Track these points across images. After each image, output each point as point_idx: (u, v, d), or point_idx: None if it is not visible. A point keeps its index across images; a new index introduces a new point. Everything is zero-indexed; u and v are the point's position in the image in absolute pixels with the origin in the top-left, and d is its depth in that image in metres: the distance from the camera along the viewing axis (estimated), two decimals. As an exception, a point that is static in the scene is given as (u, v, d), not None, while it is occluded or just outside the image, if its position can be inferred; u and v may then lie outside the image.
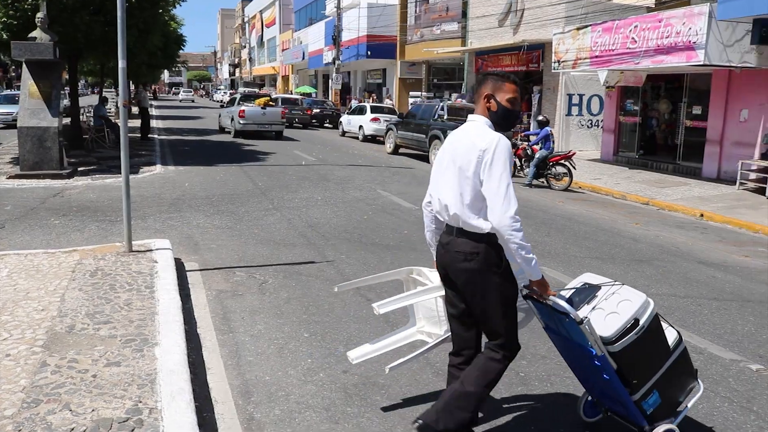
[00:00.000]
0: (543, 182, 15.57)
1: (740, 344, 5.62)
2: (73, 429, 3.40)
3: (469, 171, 3.29)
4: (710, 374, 4.94)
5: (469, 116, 3.53)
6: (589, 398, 4.00)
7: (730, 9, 12.70)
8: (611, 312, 3.45)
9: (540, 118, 16.89)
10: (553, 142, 15.83)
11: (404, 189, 13.60)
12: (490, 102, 3.43)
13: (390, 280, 4.25)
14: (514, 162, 16.24)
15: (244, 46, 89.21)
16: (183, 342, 4.60)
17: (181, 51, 34.97)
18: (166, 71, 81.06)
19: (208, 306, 5.94)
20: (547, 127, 15.76)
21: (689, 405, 3.70)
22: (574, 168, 15.28)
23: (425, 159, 19.38)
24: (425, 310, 4.20)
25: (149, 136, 23.80)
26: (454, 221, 3.44)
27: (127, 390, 3.87)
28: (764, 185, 13.88)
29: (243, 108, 25.44)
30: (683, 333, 5.75)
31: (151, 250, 7.14)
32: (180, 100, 73.35)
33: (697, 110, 17.26)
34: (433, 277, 3.96)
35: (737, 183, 14.83)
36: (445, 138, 17.45)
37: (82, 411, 3.59)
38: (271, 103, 27.05)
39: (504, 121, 3.44)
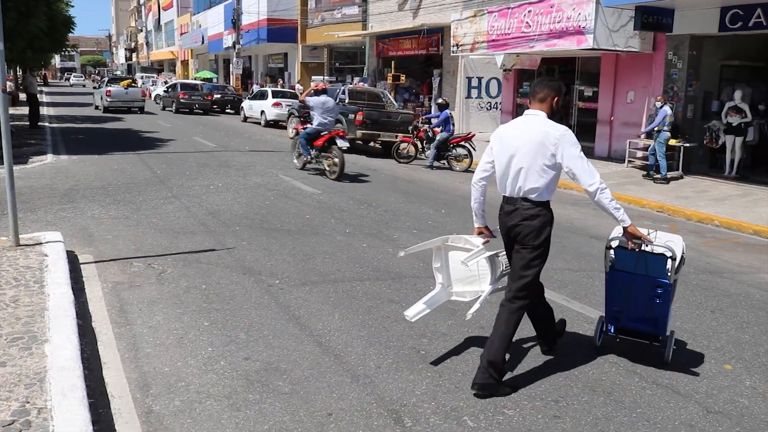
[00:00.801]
0: (444, 164, 15.87)
1: (626, 313, 5.95)
2: (-46, 433, 3.24)
3: (547, 152, 4.18)
4: (601, 342, 5.21)
5: (530, 110, 4.37)
6: (604, 329, 5.04)
7: (615, -5, 13.30)
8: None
9: (440, 100, 17.16)
10: (453, 124, 16.14)
11: (306, 174, 13.54)
12: (555, 101, 4.35)
13: (429, 248, 4.86)
14: (416, 144, 16.46)
15: (141, 30, 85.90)
16: (75, 337, 4.44)
17: (71, 34, 33.24)
18: (57, 56, 77.22)
19: (103, 299, 5.75)
20: (447, 110, 16.05)
21: None
22: (474, 149, 15.66)
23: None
24: (462, 273, 4.81)
25: (39, 124, 22.59)
26: (518, 192, 4.34)
27: (13, 391, 3.71)
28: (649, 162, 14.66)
29: (109, 89, 31.00)
30: (576, 305, 6.07)
31: (41, 244, 6.82)
32: (71, 85, 70.15)
33: (588, 92, 18.02)
34: (475, 241, 4.70)
35: (626, 161, 15.60)
36: (346, 121, 17.59)
37: (-35, 414, 3.43)
38: (133, 84, 33.49)
39: (554, 116, 4.36)
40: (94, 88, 40.64)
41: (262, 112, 26.70)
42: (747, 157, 14.57)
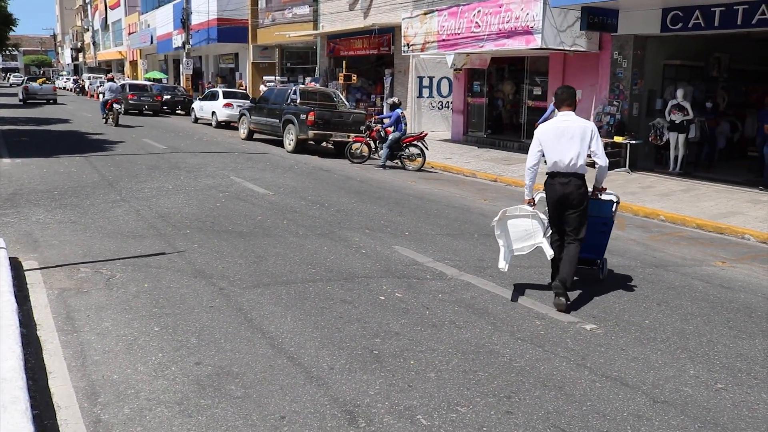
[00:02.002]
0: (397, 163, 15.91)
1: (577, 307, 6.07)
2: None
3: (586, 141, 6.02)
4: (550, 337, 5.30)
5: (565, 112, 6.17)
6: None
7: (561, -4, 13.54)
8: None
9: (391, 100, 17.20)
10: (405, 123, 16.20)
11: (258, 175, 13.43)
12: (576, 103, 6.32)
13: (497, 221, 6.36)
14: (369, 144, 16.46)
15: (87, 29, 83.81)
16: (18, 347, 4.31)
17: (11, 33, 32.27)
18: (-1, 56, 75.25)
19: (49, 306, 5.60)
20: (398, 109, 16.10)
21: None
22: (426, 148, 15.76)
23: (279, 144, 19.18)
24: (519, 234, 6.34)
25: (-21, 126, 21.93)
26: (572, 169, 6.05)
27: (-45, 402, 3.59)
28: (598, 160, 14.96)
29: (26, 85, 41.58)
30: (527, 300, 6.15)
31: (-18, 251, 6.61)
32: (10, 84, 68.42)
33: (537, 91, 18.29)
34: (526, 207, 6.34)
35: (575, 159, 15.87)
36: (298, 122, 17.52)
37: None
38: (47, 82, 46.93)
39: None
40: (18, 84, 50.83)
41: (213, 113, 26.36)
42: (690, 154, 14.99)
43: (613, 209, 6.77)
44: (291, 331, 5.20)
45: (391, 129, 15.96)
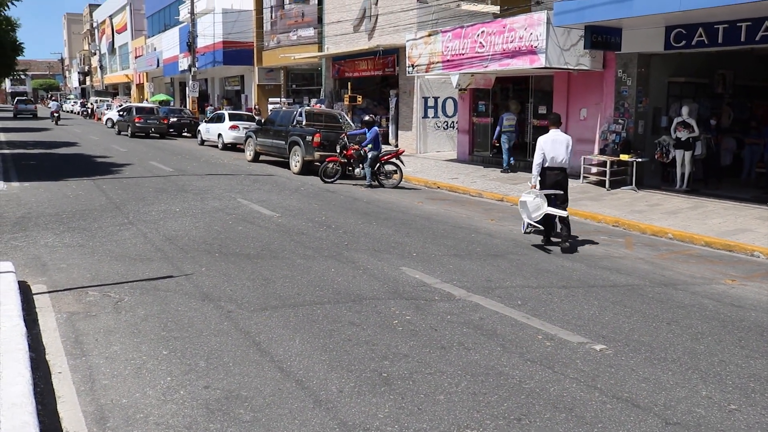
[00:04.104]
0: (373, 182, 15.80)
1: (586, 327, 6.04)
2: None
3: (569, 148, 9.39)
4: (560, 358, 5.27)
5: (554, 130, 9.47)
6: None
7: (564, 16, 13.58)
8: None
9: (366, 118, 16.93)
10: (381, 141, 16.15)
11: (265, 197, 13.47)
12: (561, 123, 9.78)
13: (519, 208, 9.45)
14: (345, 162, 16.24)
15: (94, 53, 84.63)
16: (28, 371, 4.32)
17: (20, 58, 32.61)
18: (6, 80, 75.93)
19: (58, 330, 5.61)
20: (375, 127, 16.04)
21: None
22: (403, 164, 15.84)
23: (285, 165, 19.23)
24: (533, 208, 9.22)
25: (-12, 151, 22.11)
26: (562, 165, 9.37)
27: (-36, 429, 3.59)
28: (604, 178, 14.96)
29: (17, 104, 59.71)
30: (536, 321, 6.12)
31: (-9, 275, 6.63)
32: (15, 115, 67.11)
33: (542, 110, 18.30)
34: (535, 191, 9.36)
35: (581, 177, 15.87)
36: (304, 143, 17.55)
37: None
38: (30, 102, 64.21)
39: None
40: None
41: (219, 135, 26.49)
42: (697, 171, 14.96)
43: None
44: (299, 354, 5.18)
45: (368, 147, 15.82)
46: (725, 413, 4.44)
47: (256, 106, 34.09)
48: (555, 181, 9.43)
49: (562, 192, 9.51)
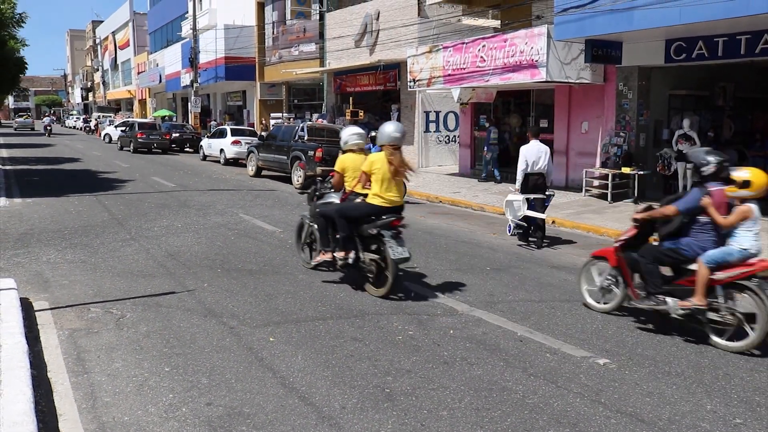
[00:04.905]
0: None
1: (589, 341, 6.02)
2: None
3: (547, 156, 10.72)
4: (564, 372, 5.25)
5: (533, 141, 10.75)
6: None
7: (564, 30, 13.65)
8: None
9: (372, 134, 17.07)
10: None
11: (267, 212, 13.48)
12: (537, 135, 11.04)
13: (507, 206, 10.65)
14: None
15: (97, 69, 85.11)
16: (29, 389, 4.30)
17: (24, 74, 32.77)
18: (10, 96, 76.86)
19: (60, 347, 5.60)
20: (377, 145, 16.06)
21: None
22: (407, 180, 15.81)
23: (287, 180, 19.26)
24: (515, 210, 10.45)
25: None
26: (541, 170, 10.64)
27: (-34, 447, 3.58)
28: (606, 191, 14.96)
29: (17, 119, 70.25)
30: (538, 336, 6.10)
31: (-7, 292, 6.63)
32: (15, 129, 67.59)
33: (544, 123, 18.33)
34: (517, 194, 10.50)
35: (583, 190, 15.88)
36: (306, 158, 17.58)
37: None
38: (28, 117, 72.93)
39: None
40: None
41: (222, 150, 26.56)
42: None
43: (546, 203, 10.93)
44: (302, 370, 5.17)
45: None
46: (730, 427, 4.41)
47: (263, 122, 34.21)
48: (535, 183, 10.68)
49: (542, 196, 10.68)
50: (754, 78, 16.18)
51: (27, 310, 6.43)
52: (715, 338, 5.93)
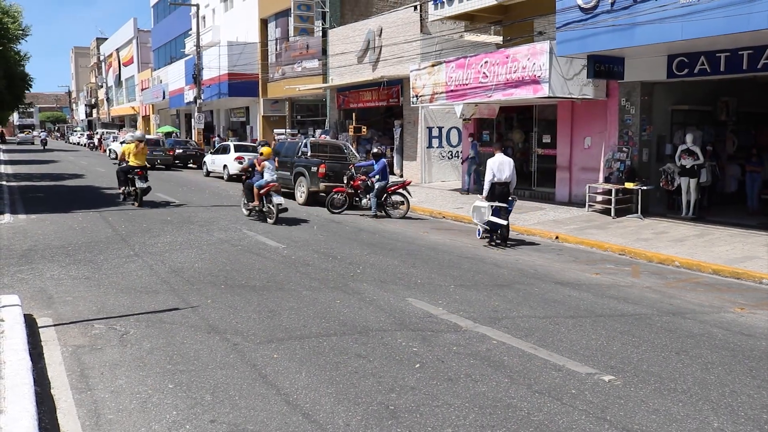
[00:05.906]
0: (381, 212, 15.84)
1: (594, 357, 5.99)
2: None
3: (511, 167, 12.12)
4: (569, 389, 5.22)
5: (499, 153, 12.28)
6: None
7: (566, 46, 13.71)
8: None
9: (375, 150, 17.17)
10: (388, 173, 16.33)
11: (270, 228, 13.48)
12: (503, 148, 12.92)
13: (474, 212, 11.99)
14: (352, 193, 16.33)
15: (101, 86, 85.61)
16: (33, 406, 4.29)
17: (28, 91, 32.98)
18: (15, 113, 77.83)
19: (63, 364, 5.59)
20: (383, 159, 16.18)
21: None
22: (410, 195, 15.96)
23: (291, 196, 19.24)
24: (482, 215, 11.89)
25: (-5, 183, 22.26)
26: (506, 180, 12.02)
27: (-31, 466, 3.56)
28: (610, 206, 14.95)
29: (19, 135, 74.29)
30: (543, 352, 6.08)
31: (-3, 309, 6.62)
32: (17, 143, 69.30)
33: (546, 139, 18.39)
34: (484, 201, 11.98)
35: (586, 205, 15.87)
36: (309, 174, 17.63)
37: None
38: (29, 133, 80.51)
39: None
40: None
41: (225, 166, 26.63)
42: (703, 198, 14.94)
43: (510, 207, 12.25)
44: (306, 387, 5.15)
45: (376, 178, 15.91)
46: (738, 445, 4.37)
47: (274, 140, 34.31)
48: (501, 192, 11.97)
49: (506, 205, 12.01)
50: (756, 93, 16.20)
51: (31, 326, 6.43)
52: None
